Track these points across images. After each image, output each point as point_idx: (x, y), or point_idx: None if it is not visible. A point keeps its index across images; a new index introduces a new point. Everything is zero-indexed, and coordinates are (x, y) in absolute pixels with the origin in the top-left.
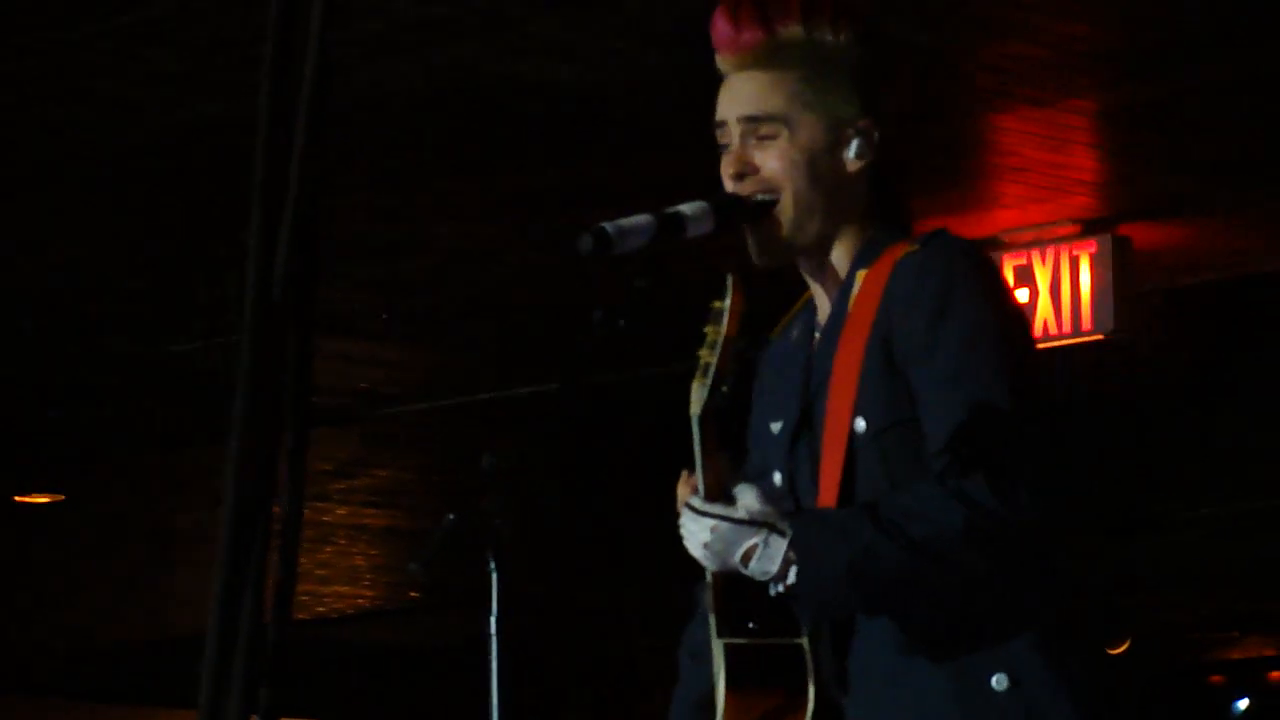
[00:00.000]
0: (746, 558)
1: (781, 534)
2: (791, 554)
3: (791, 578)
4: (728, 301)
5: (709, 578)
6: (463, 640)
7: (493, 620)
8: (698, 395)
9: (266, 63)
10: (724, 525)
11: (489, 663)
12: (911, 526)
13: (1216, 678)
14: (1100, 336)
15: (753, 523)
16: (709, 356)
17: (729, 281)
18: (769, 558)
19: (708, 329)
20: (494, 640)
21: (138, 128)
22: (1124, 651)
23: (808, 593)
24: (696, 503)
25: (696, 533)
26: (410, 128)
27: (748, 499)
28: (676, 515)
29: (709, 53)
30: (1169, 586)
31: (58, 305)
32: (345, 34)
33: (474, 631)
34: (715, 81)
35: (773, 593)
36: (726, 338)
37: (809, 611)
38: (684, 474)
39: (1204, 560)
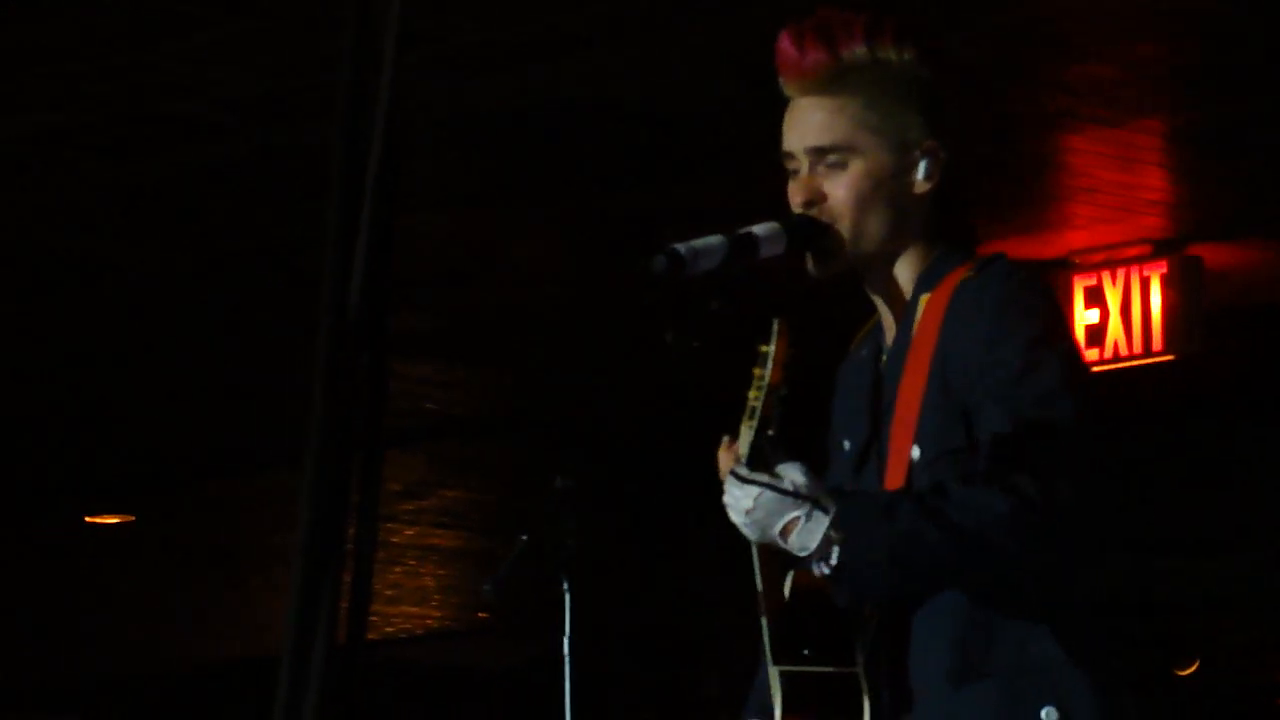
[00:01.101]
0: (787, 531)
1: (825, 510)
2: (834, 532)
3: (834, 557)
4: (773, 347)
5: (761, 605)
6: (530, 661)
7: (566, 641)
8: (745, 437)
9: (342, 87)
10: (769, 494)
11: (562, 684)
12: (955, 513)
13: None
14: (1171, 357)
15: (797, 495)
16: (755, 400)
17: (775, 327)
18: (810, 533)
19: (755, 370)
20: (568, 661)
21: (213, 150)
22: (1193, 673)
23: (848, 572)
24: (742, 471)
25: (741, 499)
26: (484, 151)
27: (793, 473)
28: (720, 483)
29: (771, 79)
30: (1239, 607)
31: (129, 328)
32: (419, 58)
33: (540, 653)
34: (785, 107)
35: (815, 572)
36: (771, 385)
37: (848, 590)
38: (724, 440)
39: (1274, 581)
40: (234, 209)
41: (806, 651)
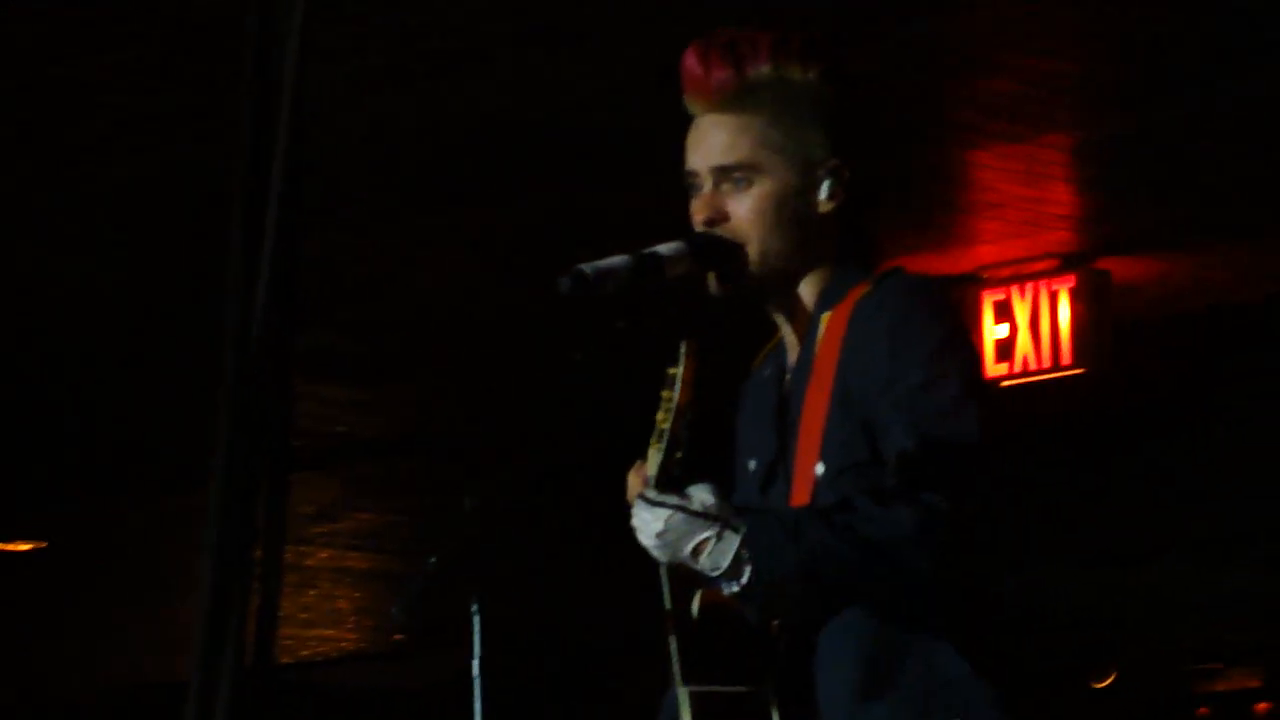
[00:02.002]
0: (698, 552)
1: (735, 530)
2: (744, 551)
3: (745, 576)
4: (680, 369)
5: (670, 624)
6: (446, 681)
7: (476, 662)
8: (654, 459)
9: (244, 105)
10: (678, 516)
11: (473, 704)
12: (864, 528)
13: (1203, 710)
14: (1080, 370)
15: (707, 516)
16: (664, 422)
17: (682, 348)
18: (721, 552)
19: (663, 393)
20: (478, 681)
21: (118, 170)
22: (1109, 684)
23: (759, 589)
24: (651, 493)
25: (650, 522)
26: (388, 167)
27: (702, 494)
28: (628, 506)
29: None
30: (1154, 619)
31: (35, 352)
32: (323, 75)
33: (457, 673)
34: (692, 121)
35: (725, 591)
36: (679, 406)
37: (759, 608)
38: (635, 464)
39: (1188, 592)
40: (138, 229)
41: (716, 671)
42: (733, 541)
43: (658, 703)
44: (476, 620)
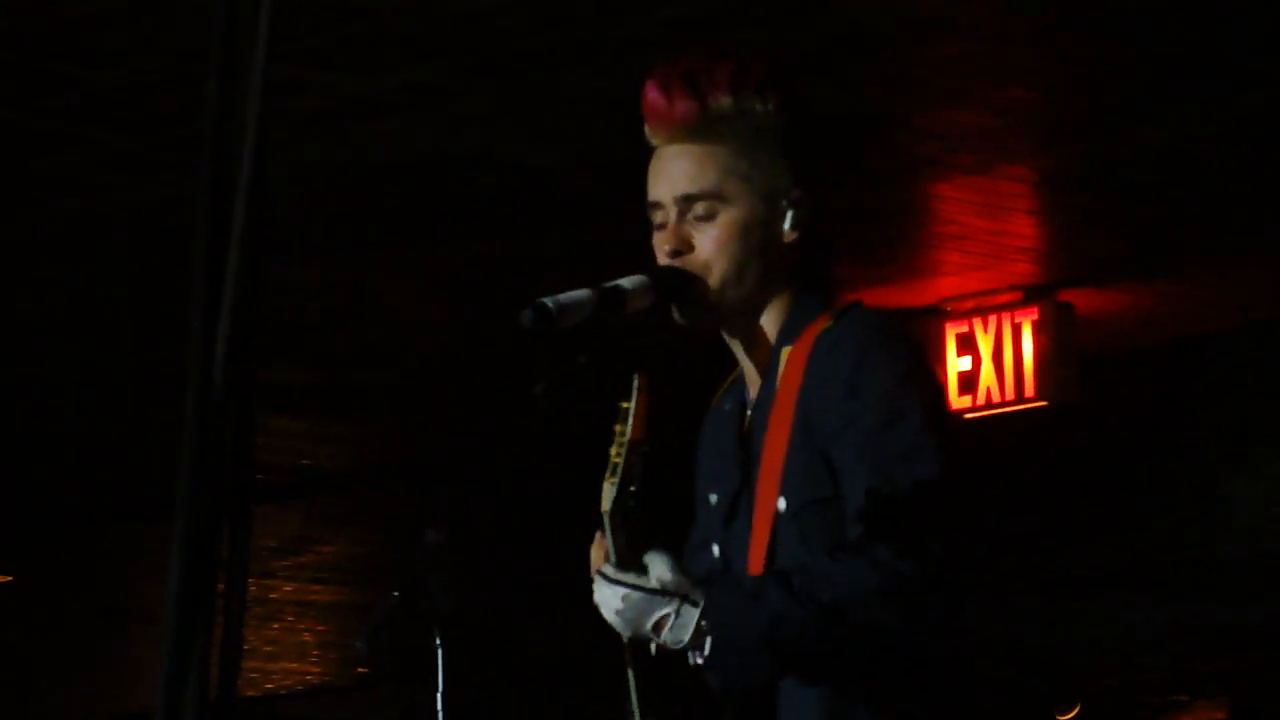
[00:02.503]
0: (659, 627)
1: (694, 604)
2: (704, 623)
3: (707, 648)
4: (633, 403)
5: (629, 660)
6: (410, 714)
7: (439, 696)
8: (608, 493)
9: (205, 141)
10: (636, 594)
11: None
12: (824, 592)
13: None
14: (1044, 403)
15: (664, 593)
16: (617, 456)
17: (635, 383)
18: (681, 627)
19: (617, 427)
20: (441, 715)
21: (82, 203)
22: (1073, 717)
23: (722, 661)
24: (609, 570)
25: (609, 599)
26: (351, 203)
27: (659, 568)
28: (590, 580)
29: (643, 131)
30: (1118, 651)
31: (1, 385)
32: (286, 110)
33: (421, 705)
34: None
35: (691, 662)
36: (632, 441)
37: (722, 680)
38: (597, 536)
39: (1152, 624)
40: (102, 264)
41: (674, 706)
42: (691, 615)
43: None
44: (440, 653)
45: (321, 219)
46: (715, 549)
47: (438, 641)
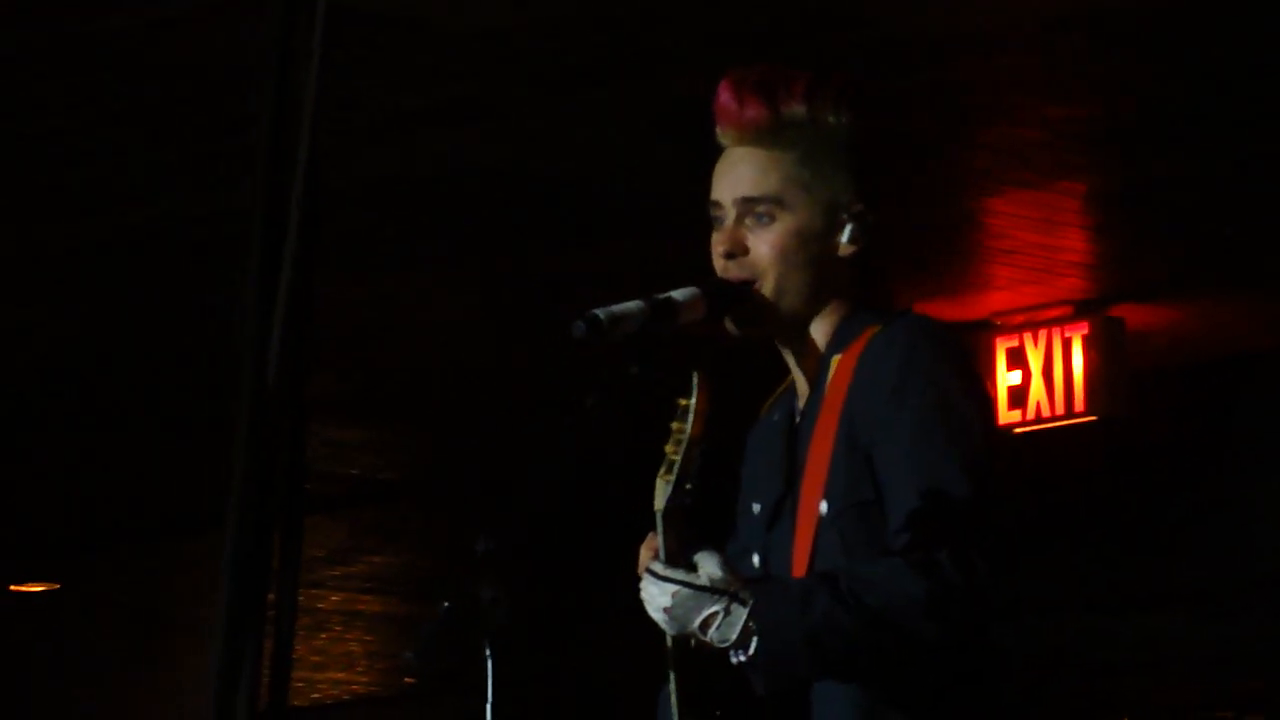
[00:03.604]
0: (706, 625)
1: (743, 603)
2: (751, 623)
3: (752, 647)
4: (693, 400)
5: (670, 661)
6: None
7: (489, 708)
8: (662, 490)
9: (260, 153)
10: (685, 591)
11: None
12: (869, 596)
13: None
14: (1093, 417)
15: (714, 590)
16: (674, 454)
17: (695, 380)
18: (729, 625)
19: (674, 424)
20: None
21: (133, 217)
22: None
23: (767, 661)
24: (658, 568)
25: (657, 596)
26: (402, 215)
27: (709, 566)
28: (637, 578)
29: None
30: (1164, 666)
31: (53, 395)
32: (336, 123)
33: (469, 717)
34: (702, 170)
35: (733, 661)
36: (691, 438)
37: (766, 679)
38: (648, 537)
39: (1198, 639)
40: (155, 275)
41: (716, 711)
42: (740, 614)
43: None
44: (489, 664)
45: (370, 232)
46: (755, 558)
47: (488, 653)
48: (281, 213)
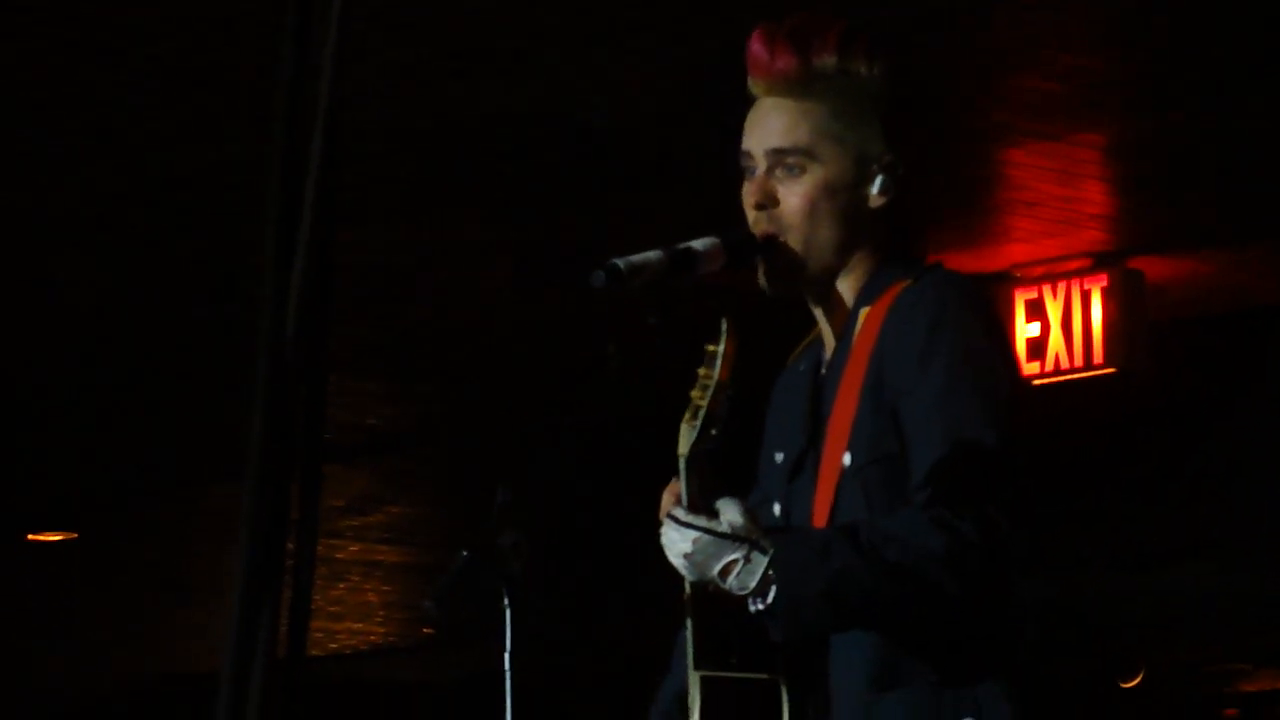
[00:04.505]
0: (726, 572)
1: (763, 551)
2: (771, 572)
3: (770, 596)
4: (721, 346)
5: (688, 607)
6: (475, 676)
7: (507, 656)
8: (686, 436)
9: (279, 101)
10: (705, 538)
11: (503, 699)
12: (890, 550)
13: (1230, 711)
14: (1112, 370)
15: (735, 537)
16: (700, 399)
17: (724, 326)
18: (749, 573)
19: (701, 370)
20: (508, 676)
21: (151, 167)
22: (1137, 684)
23: (785, 610)
24: (680, 513)
25: (677, 542)
26: (424, 165)
27: (731, 513)
28: (658, 524)
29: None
30: (1183, 619)
31: (70, 345)
32: (356, 75)
33: (487, 667)
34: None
35: (751, 609)
36: (719, 382)
37: (784, 629)
38: (671, 483)
39: (1217, 592)
40: (173, 226)
41: (731, 658)
42: (760, 562)
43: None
44: (507, 614)
45: (390, 182)
46: (776, 507)
47: (506, 602)
48: (300, 163)
